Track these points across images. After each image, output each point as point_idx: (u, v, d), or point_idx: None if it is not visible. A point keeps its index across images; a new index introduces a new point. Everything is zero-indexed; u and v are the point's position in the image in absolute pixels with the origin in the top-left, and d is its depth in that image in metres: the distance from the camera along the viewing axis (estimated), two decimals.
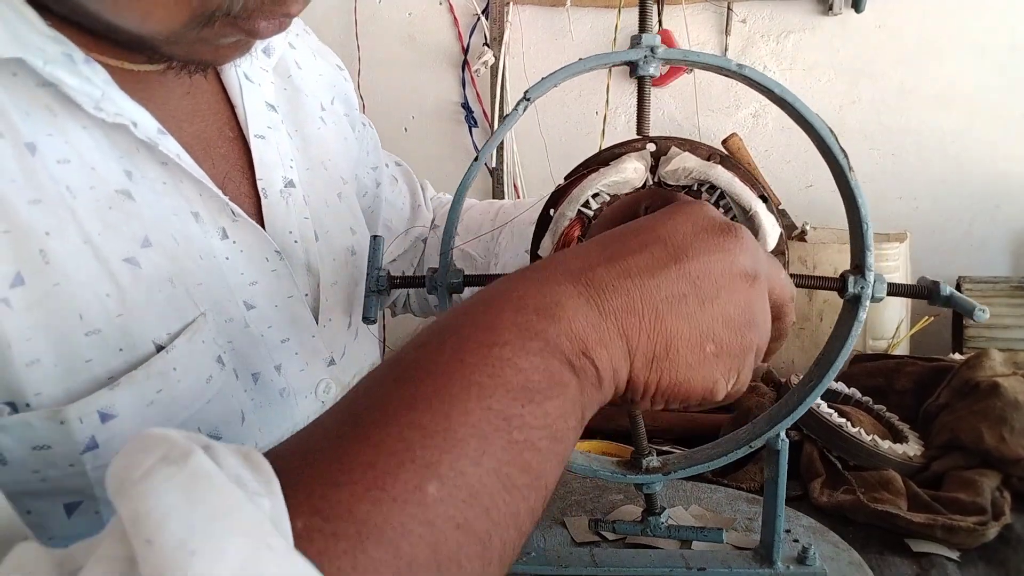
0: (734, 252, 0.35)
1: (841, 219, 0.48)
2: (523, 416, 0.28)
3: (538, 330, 0.30)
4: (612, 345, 0.32)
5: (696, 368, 0.34)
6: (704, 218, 0.36)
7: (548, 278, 0.33)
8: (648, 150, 0.48)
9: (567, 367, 0.31)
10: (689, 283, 0.34)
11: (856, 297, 0.47)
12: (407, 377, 0.29)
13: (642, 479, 0.54)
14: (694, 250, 0.34)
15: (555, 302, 0.31)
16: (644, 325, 0.33)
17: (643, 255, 0.34)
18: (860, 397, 0.86)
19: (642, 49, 0.45)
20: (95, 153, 0.41)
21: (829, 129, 0.45)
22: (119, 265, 0.40)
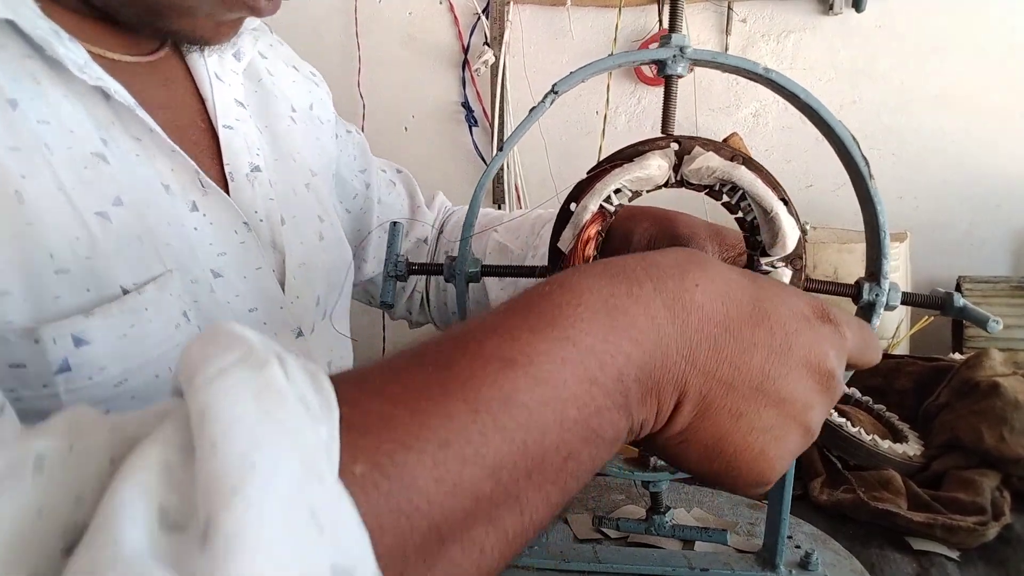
0: (827, 344, 0.35)
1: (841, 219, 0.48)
2: (581, 453, 0.30)
3: (628, 393, 0.31)
4: (662, 413, 0.33)
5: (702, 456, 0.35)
6: (813, 305, 0.36)
7: (665, 332, 0.32)
8: (672, 149, 0.48)
9: (627, 426, 0.32)
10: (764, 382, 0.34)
11: (871, 304, 0.47)
12: (512, 363, 0.29)
13: (649, 477, 0.54)
14: (782, 372, 0.34)
15: (656, 377, 0.32)
16: (697, 411, 0.33)
17: (747, 355, 0.34)
18: (860, 397, 0.86)
19: (671, 48, 0.45)
20: (73, 120, 0.44)
21: (852, 137, 0.45)
22: (91, 216, 0.43)
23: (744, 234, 0.50)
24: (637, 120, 1.54)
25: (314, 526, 0.21)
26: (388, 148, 1.66)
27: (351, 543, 0.22)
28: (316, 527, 0.21)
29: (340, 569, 0.21)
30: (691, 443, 0.34)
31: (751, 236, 0.50)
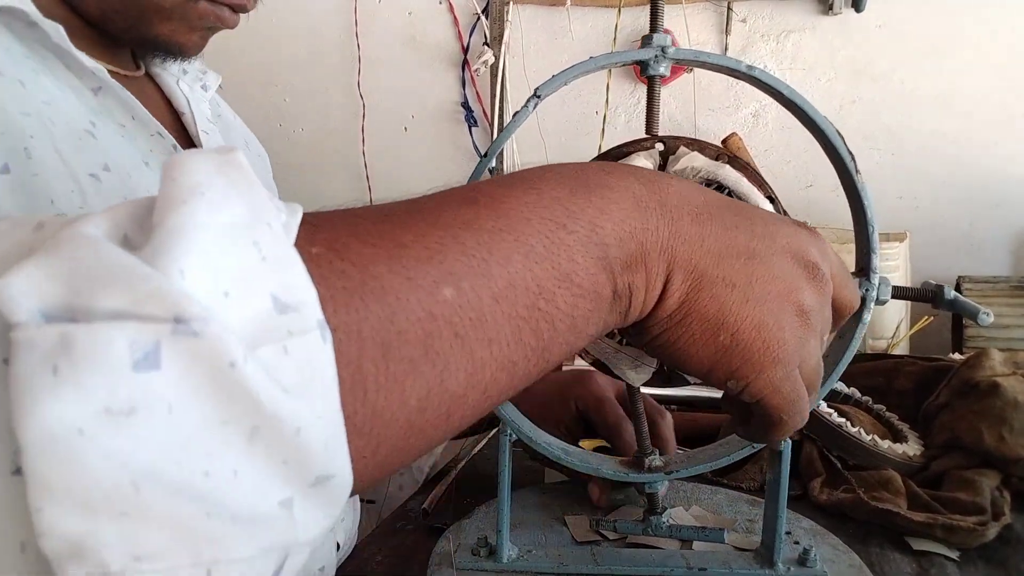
0: (802, 285, 0.36)
1: (840, 219, 0.48)
2: (555, 293, 0.30)
3: (605, 243, 0.32)
4: (653, 290, 0.34)
5: (702, 346, 0.35)
6: (800, 246, 0.37)
7: (642, 201, 0.33)
8: (657, 149, 0.48)
9: (610, 286, 0.32)
10: (744, 278, 0.35)
11: (861, 299, 0.47)
12: (476, 202, 0.30)
13: (645, 478, 0.54)
14: (770, 259, 0.35)
15: (633, 231, 0.32)
16: (682, 287, 0.34)
17: (728, 234, 0.35)
18: (860, 397, 0.86)
19: (653, 48, 0.45)
20: (65, 103, 0.50)
21: (837, 132, 0.45)
22: (84, 176, 0.49)
23: None
24: (637, 120, 1.54)
25: (257, 253, 0.21)
26: (388, 148, 1.66)
27: (296, 284, 0.22)
28: (259, 255, 0.21)
29: (282, 304, 0.21)
30: (692, 318, 0.34)
31: None
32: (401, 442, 0.27)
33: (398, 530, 0.68)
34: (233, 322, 0.20)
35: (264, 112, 1.69)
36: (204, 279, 0.20)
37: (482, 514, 0.64)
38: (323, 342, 0.22)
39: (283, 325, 0.21)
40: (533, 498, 0.67)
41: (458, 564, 0.55)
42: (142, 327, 0.18)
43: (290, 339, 0.21)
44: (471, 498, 0.71)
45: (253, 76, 1.68)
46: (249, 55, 1.66)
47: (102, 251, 0.20)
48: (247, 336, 0.20)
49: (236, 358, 0.19)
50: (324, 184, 1.70)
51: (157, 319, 0.19)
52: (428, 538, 0.63)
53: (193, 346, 0.19)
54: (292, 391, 0.21)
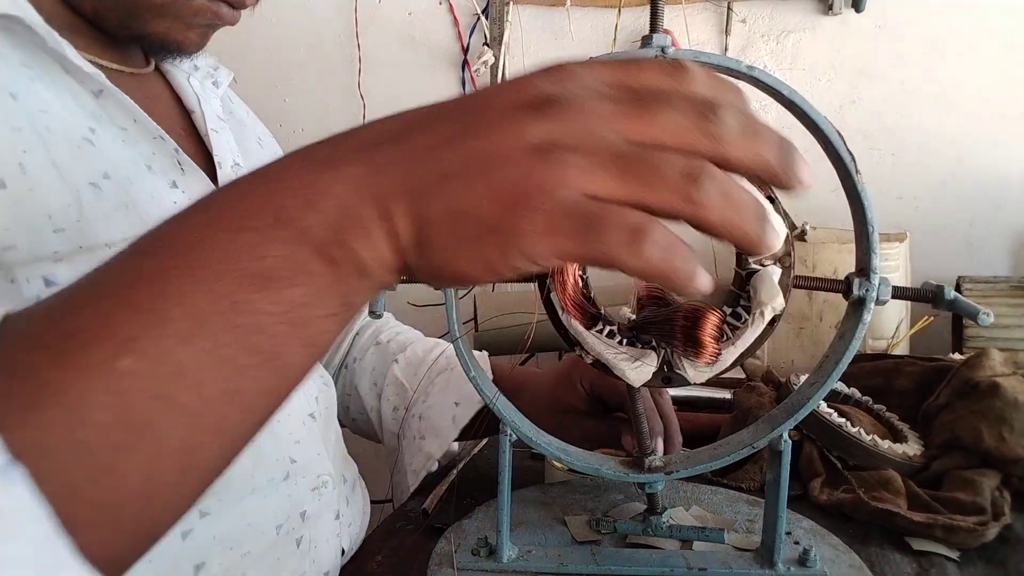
0: (527, 125, 0.30)
1: (841, 219, 0.48)
2: (253, 301, 0.28)
3: (293, 217, 0.29)
4: (378, 233, 0.30)
5: (459, 249, 0.30)
6: (526, 90, 0.31)
7: (328, 158, 0.31)
8: None
9: (319, 258, 0.30)
10: (460, 163, 0.30)
11: (861, 300, 0.48)
12: (145, 251, 0.30)
13: (644, 478, 0.54)
14: (484, 127, 0.30)
15: (323, 190, 0.30)
16: (409, 209, 0.30)
17: (437, 129, 0.31)
18: (860, 397, 0.86)
19: (653, 49, 0.45)
20: (64, 111, 0.50)
21: (837, 132, 0.45)
22: (84, 186, 0.48)
23: None
24: None
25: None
26: None
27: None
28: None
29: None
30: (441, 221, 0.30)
31: None
32: (144, 512, 0.27)
33: (398, 530, 0.68)
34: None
35: (264, 112, 1.68)
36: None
37: (482, 514, 0.64)
38: (10, 483, 0.23)
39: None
40: (533, 498, 0.67)
41: (458, 564, 0.55)
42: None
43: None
44: (471, 498, 0.71)
45: (253, 76, 1.68)
46: (249, 55, 1.66)
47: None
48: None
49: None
50: None
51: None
52: (428, 538, 0.63)
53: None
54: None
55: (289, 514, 0.58)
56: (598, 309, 0.51)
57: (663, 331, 0.50)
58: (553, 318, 0.51)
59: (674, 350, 0.50)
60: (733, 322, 0.50)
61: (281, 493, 0.58)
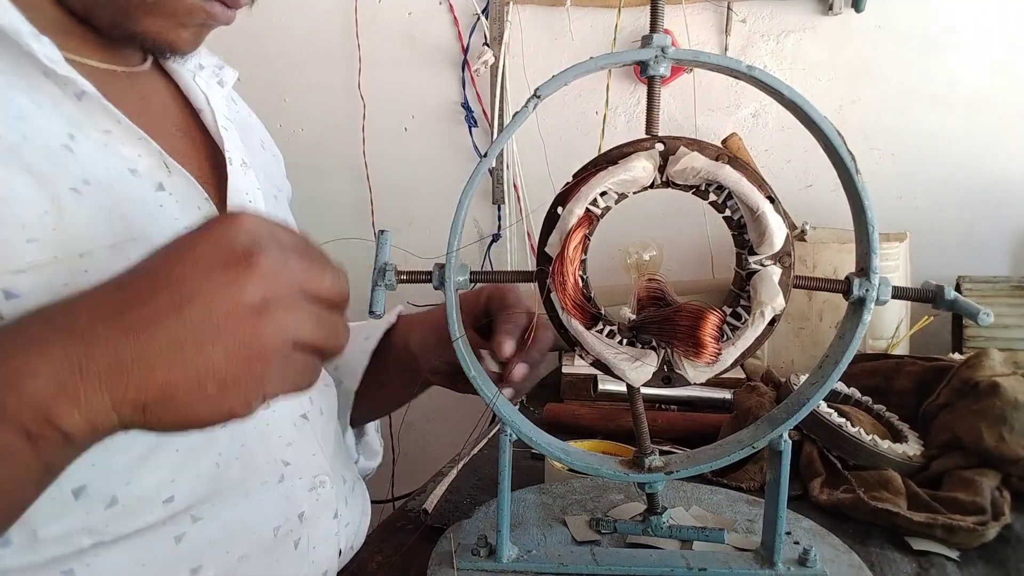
0: (240, 285, 0.35)
1: (841, 219, 0.48)
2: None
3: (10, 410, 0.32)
4: (90, 404, 0.34)
5: (199, 405, 0.35)
6: (219, 249, 0.36)
7: (40, 338, 0.34)
8: (657, 150, 0.48)
9: (20, 436, 0.33)
10: (189, 329, 0.35)
11: (861, 300, 0.48)
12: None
13: (644, 478, 0.54)
14: (198, 292, 0.35)
15: (30, 370, 0.33)
16: (132, 381, 0.34)
17: (148, 305, 0.35)
18: (860, 397, 0.86)
19: (653, 49, 0.45)
20: (41, 119, 0.49)
21: (837, 132, 0.45)
22: (64, 192, 0.47)
23: (732, 233, 0.50)
24: (637, 120, 1.54)
25: None
26: (388, 148, 1.66)
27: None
28: None
29: None
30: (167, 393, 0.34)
31: (739, 235, 0.50)
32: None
33: (398, 530, 0.68)
34: None
35: (264, 112, 1.67)
36: None
37: (482, 514, 0.64)
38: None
39: None
40: (533, 498, 0.67)
41: (458, 564, 0.55)
42: None
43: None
44: (471, 498, 0.71)
45: (253, 76, 1.68)
46: (249, 55, 1.66)
47: None
48: None
49: None
50: (324, 184, 1.70)
51: None
52: (428, 538, 0.63)
53: None
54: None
55: (287, 515, 0.58)
56: (598, 309, 0.51)
57: (663, 331, 0.50)
58: (553, 318, 0.51)
59: (674, 350, 0.50)
60: (733, 322, 0.50)
61: (276, 495, 0.58)
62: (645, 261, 1.18)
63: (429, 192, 1.65)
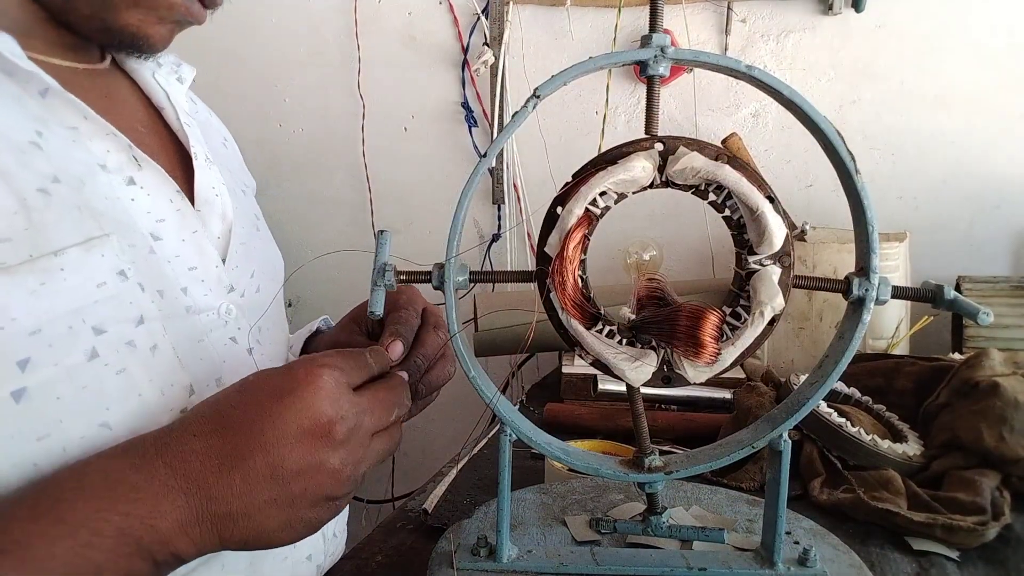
0: (325, 455, 0.45)
1: (841, 219, 0.48)
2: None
3: (135, 537, 0.40)
4: (203, 541, 0.43)
5: (288, 538, 0.46)
6: (304, 421, 0.45)
7: (166, 485, 0.42)
8: (656, 149, 0.48)
9: (149, 563, 0.41)
10: (282, 490, 0.44)
11: (860, 299, 0.47)
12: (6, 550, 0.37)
13: (644, 478, 0.54)
14: (289, 460, 0.44)
15: (160, 513, 0.41)
16: (238, 528, 0.44)
17: (249, 465, 0.44)
18: (860, 397, 0.86)
19: (653, 49, 0.45)
20: (5, 116, 0.49)
21: (837, 132, 0.45)
22: (32, 192, 0.47)
23: (732, 233, 0.50)
24: (637, 120, 1.54)
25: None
26: (388, 148, 1.66)
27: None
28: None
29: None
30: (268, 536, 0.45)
31: (738, 235, 0.50)
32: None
33: (398, 530, 0.68)
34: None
35: (264, 112, 1.69)
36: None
37: (482, 514, 0.64)
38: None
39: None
40: (532, 498, 0.67)
41: (458, 564, 0.55)
42: None
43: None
44: (471, 498, 0.71)
45: (253, 76, 1.68)
46: (249, 55, 1.66)
47: None
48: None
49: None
50: (324, 184, 1.70)
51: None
52: (428, 538, 0.63)
53: None
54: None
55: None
56: (598, 309, 0.51)
57: (663, 331, 0.50)
58: (553, 318, 0.51)
59: (674, 350, 0.50)
60: (733, 322, 0.50)
61: None
62: (645, 261, 1.18)
63: (429, 192, 1.65)
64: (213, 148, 0.70)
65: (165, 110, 0.65)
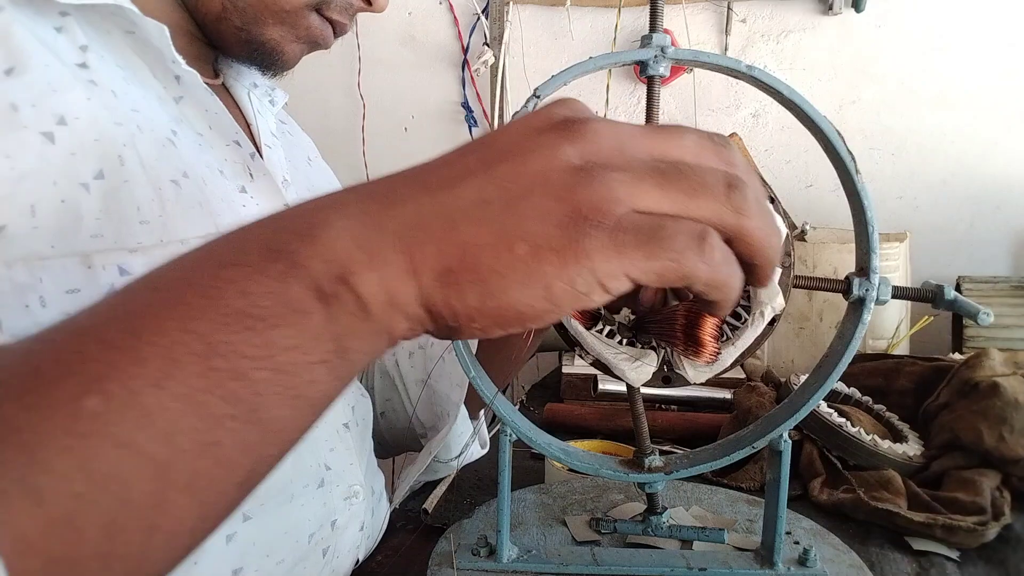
0: (558, 145, 0.29)
1: (841, 219, 0.48)
2: (231, 343, 0.26)
3: (287, 251, 0.27)
4: (387, 266, 0.28)
5: (509, 273, 0.28)
6: (538, 119, 0.31)
7: (332, 197, 0.30)
8: None
9: (312, 293, 0.27)
10: (496, 187, 0.29)
11: (861, 300, 0.47)
12: (131, 288, 0.28)
13: (644, 478, 0.54)
14: (511, 153, 0.29)
15: (322, 220, 0.28)
16: (432, 237, 0.28)
17: (453, 166, 0.30)
18: (860, 397, 0.86)
19: (653, 49, 0.45)
20: (150, 112, 0.52)
21: (837, 132, 0.45)
22: (166, 183, 0.50)
23: None
24: (636, 120, 1.54)
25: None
26: (388, 148, 1.66)
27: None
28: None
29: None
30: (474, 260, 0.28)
31: None
32: (102, 573, 0.24)
33: (398, 530, 0.68)
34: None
35: None
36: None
37: (482, 514, 0.64)
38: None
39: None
40: (533, 498, 0.67)
41: (458, 564, 0.55)
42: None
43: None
44: (471, 498, 0.71)
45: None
46: None
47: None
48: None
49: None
50: None
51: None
52: (428, 538, 0.63)
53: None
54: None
55: (322, 523, 0.58)
56: (598, 309, 0.51)
57: (663, 331, 0.50)
58: None
59: (674, 350, 0.50)
60: (733, 322, 0.50)
61: (317, 501, 0.58)
62: None
63: None
64: (295, 166, 0.72)
65: (252, 127, 0.67)
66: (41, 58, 0.46)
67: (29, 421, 0.23)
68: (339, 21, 0.61)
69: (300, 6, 0.58)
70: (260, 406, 0.26)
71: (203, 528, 0.27)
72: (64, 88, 0.46)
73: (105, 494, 0.24)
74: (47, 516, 0.23)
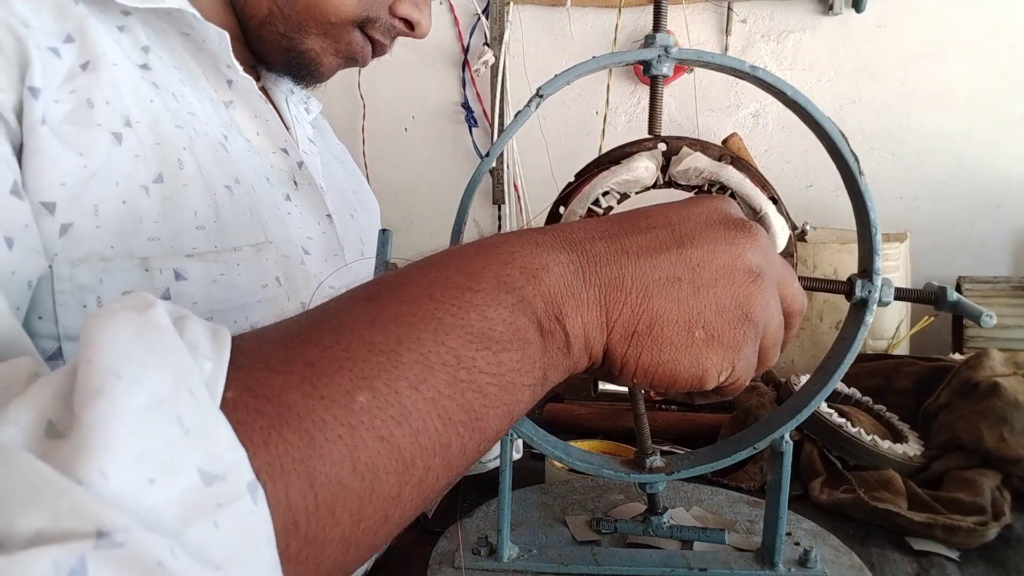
0: (742, 247, 0.35)
1: (841, 219, 0.48)
2: (474, 359, 0.29)
3: (516, 287, 0.31)
4: (589, 314, 0.33)
5: (682, 351, 0.34)
6: (719, 211, 0.36)
7: (544, 242, 0.34)
8: (659, 149, 0.48)
9: (534, 326, 0.31)
10: (687, 269, 0.34)
11: (863, 301, 0.47)
12: (377, 297, 0.30)
13: (645, 478, 0.54)
14: (700, 239, 0.34)
15: (542, 265, 0.32)
16: (629, 300, 0.33)
17: (647, 236, 0.34)
18: (860, 397, 0.86)
19: (656, 48, 0.45)
20: (205, 116, 0.53)
21: (840, 132, 0.45)
22: (220, 188, 0.51)
23: None
24: (637, 120, 1.54)
25: (180, 429, 0.21)
26: (388, 149, 1.66)
27: (222, 451, 0.22)
28: (182, 430, 0.21)
29: (209, 475, 0.21)
30: (658, 324, 0.33)
31: None
32: (340, 557, 0.26)
33: None
34: (160, 506, 0.20)
35: None
36: (126, 474, 0.20)
37: (482, 514, 0.64)
38: (254, 505, 0.22)
39: (211, 498, 0.21)
40: (533, 498, 0.67)
41: (458, 564, 0.55)
42: (64, 546, 0.18)
43: (219, 512, 0.21)
44: (471, 498, 0.71)
45: None
46: None
47: (18, 466, 0.19)
48: (176, 517, 0.20)
49: (163, 556, 0.19)
50: None
51: (79, 535, 0.18)
52: (428, 538, 0.63)
53: (119, 555, 0.19)
54: (224, 566, 0.21)
55: None
56: None
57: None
58: None
59: None
60: None
61: None
62: None
63: (429, 192, 1.65)
64: (329, 171, 0.72)
65: (290, 131, 0.67)
66: (112, 56, 0.46)
67: (311, 409, 0.25)
68: (380, 42, 0.61)
69: (346, 20, 0.57)
70: (484, 416, 0.30)
71: (405, 523, 0.29)
72: (131, 89, 0.46)
73: (362, 483, 0.26)
74: (316, 499, 0.24)
